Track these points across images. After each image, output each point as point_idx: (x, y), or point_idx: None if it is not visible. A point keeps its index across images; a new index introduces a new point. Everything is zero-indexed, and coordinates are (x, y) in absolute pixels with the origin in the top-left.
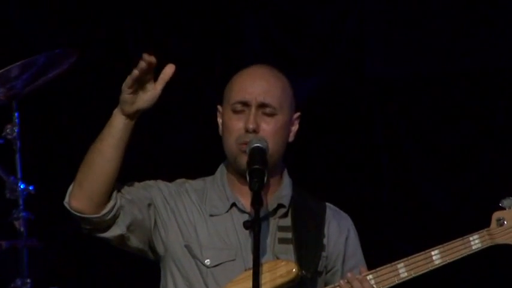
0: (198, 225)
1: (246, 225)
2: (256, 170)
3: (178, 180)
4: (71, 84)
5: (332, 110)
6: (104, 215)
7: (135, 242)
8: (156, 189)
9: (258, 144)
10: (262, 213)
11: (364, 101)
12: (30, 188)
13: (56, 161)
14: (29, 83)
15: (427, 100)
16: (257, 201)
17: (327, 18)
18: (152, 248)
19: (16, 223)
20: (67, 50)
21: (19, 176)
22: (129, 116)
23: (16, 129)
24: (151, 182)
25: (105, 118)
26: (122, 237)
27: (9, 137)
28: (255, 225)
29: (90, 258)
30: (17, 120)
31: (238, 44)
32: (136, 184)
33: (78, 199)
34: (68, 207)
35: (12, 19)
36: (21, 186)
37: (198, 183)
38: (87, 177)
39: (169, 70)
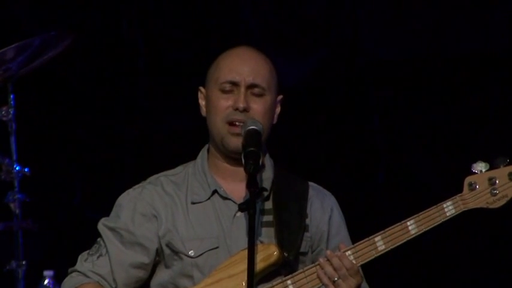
0: (176, 218)
1: (241, 207)
2: (252, 152)
3: (152, 177)
4: (66, 66)
5: (327, 91)
6: None
7: None
8: (141, 227)
9: (254, 127)
10: (246, 197)
11: (359, 83)
12: (26, 170)
13: (51, 143)
14: (25, 65)
15: (420, 82)
16: (252, 183)
17: (322, 0)
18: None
19: (11, 205)
20: (62, 32)
21: (14, 158)
22: None
23: (11, 111)
24: (129, 228)
25: (99, 100)
26: None
27: (4, 119)
28: (249, 208)
29: (85, 240)
30: (12, 102)
31: (234, 27)
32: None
33: None
34: None
35: (7, 1)
36: (17, 168)
37: (176, 171)
38: None
39: None
